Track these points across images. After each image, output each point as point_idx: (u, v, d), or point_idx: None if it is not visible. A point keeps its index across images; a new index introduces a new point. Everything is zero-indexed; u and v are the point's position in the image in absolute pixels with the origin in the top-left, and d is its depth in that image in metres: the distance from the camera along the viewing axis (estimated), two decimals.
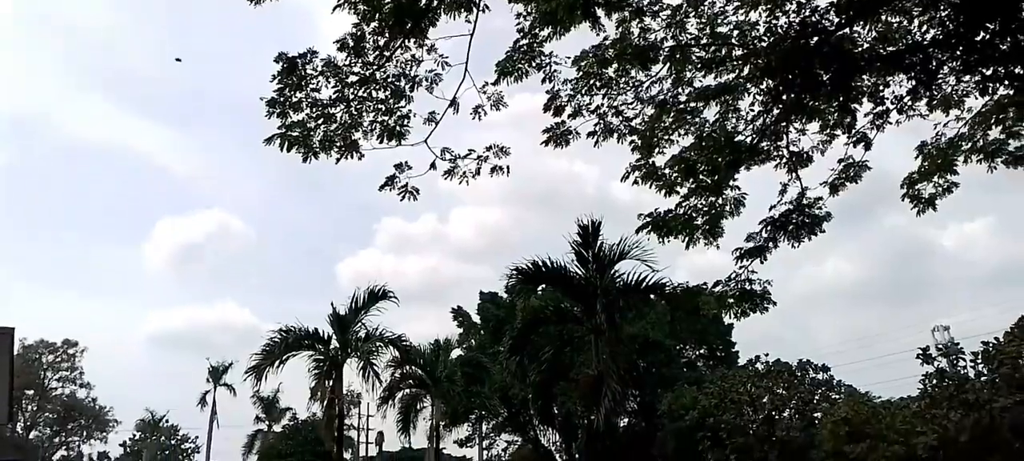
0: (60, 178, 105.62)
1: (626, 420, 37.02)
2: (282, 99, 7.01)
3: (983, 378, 23.76)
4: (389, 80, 7.12)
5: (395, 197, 7.38)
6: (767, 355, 32.52)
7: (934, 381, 25.19)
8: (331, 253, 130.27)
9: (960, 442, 23.54)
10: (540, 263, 14.37)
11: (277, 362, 17.24)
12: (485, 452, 47.53)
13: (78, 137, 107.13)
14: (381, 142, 7.10)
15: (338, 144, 7.12)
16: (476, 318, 41.11)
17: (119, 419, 62.48)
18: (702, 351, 41.61)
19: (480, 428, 42.66)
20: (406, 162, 7.45)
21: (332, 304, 18.10)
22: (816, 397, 30.30)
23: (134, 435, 63.70)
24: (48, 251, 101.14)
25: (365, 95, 7.09)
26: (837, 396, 29.82)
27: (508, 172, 7.54)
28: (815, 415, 29.36)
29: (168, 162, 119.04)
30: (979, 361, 24.21)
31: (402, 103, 7.22)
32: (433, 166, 7.43)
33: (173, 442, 66.57)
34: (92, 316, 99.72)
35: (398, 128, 7.15)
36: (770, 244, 9.34)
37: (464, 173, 7.54)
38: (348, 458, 41.62)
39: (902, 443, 25.18)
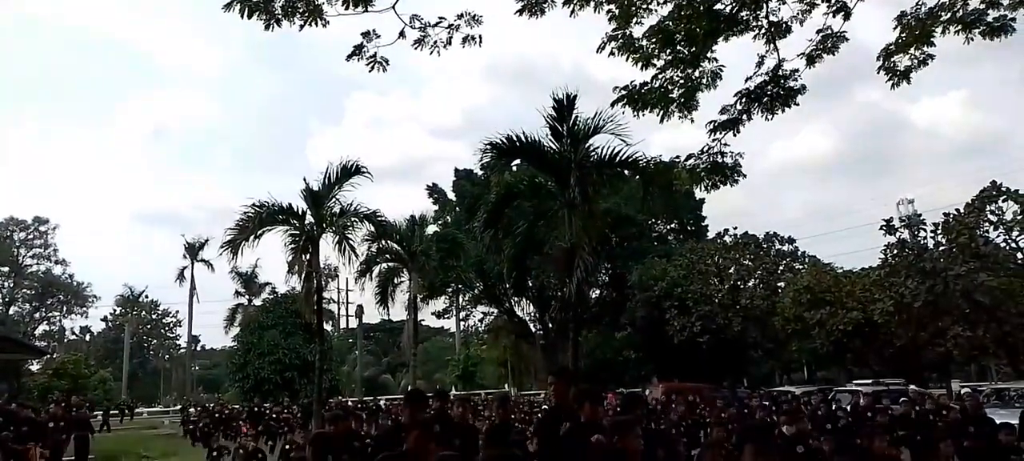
0: (20, 54, 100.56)
1: (598, 291, 38.28)
2: None
3: (941, 248, 24.71)
4: None
5: (364, 69, 7.12)
6: (735, 228, 33.41)
7: (895, 251, 26.16)
8: (301, 129, 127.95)
9: (914, 307, 24.83)
10: (514, 138, 14.23)
11: (252, 236, 17.22)
12: (462, 323, 49.17)
13: (36, 13, 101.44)
14: (347, 8, 6.76)
15: (301, 9, 6.77)
16: (451, 195, 41.29)
17: (98, 295, 63.01)
18: (673, 225, 42.54)
19: (457, 300, 43.88)
20: (374, 30, 7.14)
21: (305, 180, 17.92)
22: (780, 267, 31.43)
23: (114, 311, 64.52)
24: (8, 129, 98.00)
25: None
26: (801, 266, 30.94)
27: (480, 43, 7.27)
28: (779, 284, 30.55)
29: (130, 37, 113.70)
30: (939, 232, 25.07)
31: None
32: (402, 35, 7.13)
33: (154, 317, 67.57)
34: (60, 195, 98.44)
35: None
36: (744, 117, 9.30)
37: (435, 43, 7.25)
38: (329, 330, 42.80)
39: (860, 309, 26.48)
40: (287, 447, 9.17)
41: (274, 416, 20.87)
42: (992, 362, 36.31)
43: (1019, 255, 24.29)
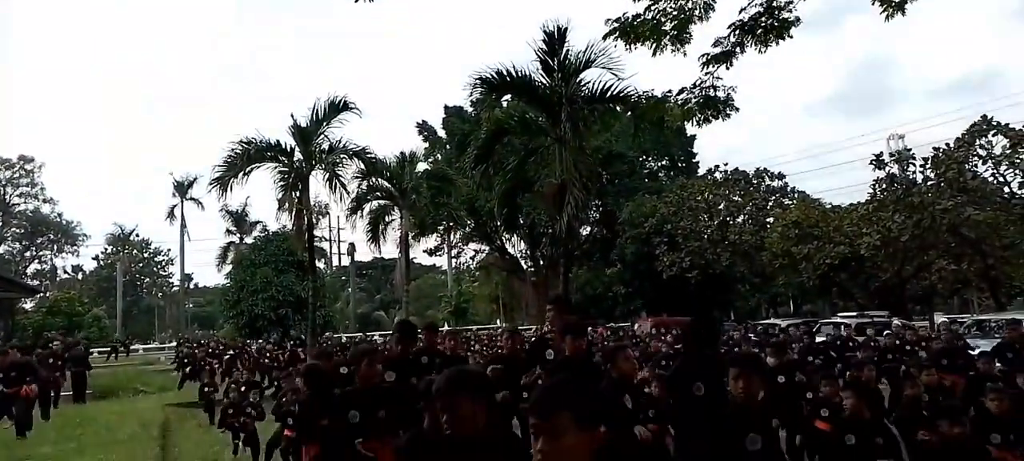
0: None
1: (588, 228, 38.45)
2: None
3: (930, 182, 24.85)
4: None
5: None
6: (726, 164, 33.43)
7: (883, 186, 26.29)
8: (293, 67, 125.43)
9: (901, 241, 25.12)
10: (504, 72, 14.01)
11: (241, 173, 17.09)
12: (454, 260, 49.48)
13: None
14: None
15: None
16: (441, 133, 40.88)
17: (87, 234, 62.82)
18: (664, 162, 42.45)
19: (448, 238, 43.98)
20: None
21: (292, 116, 17.67)
22: (770, 203, 31.56)
23: (106, 249, 64.42)
24: None
25: None
26: (790, 202, 31.07)
27: None
28: (768, 220, 30.73)
29: None
30: (928, 166, 25.16)
31: None
32: None
33: (146, 256, 67.56)
34: (45, 134, 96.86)
35: None
36: (737, 49, 9.20)
37: None
38: (321, 267, 42.98)
39: (847, 244, 26.77)
40: (283, 399, 8.95)
41: (267, 355, 20.91)
42: (974, 295, 37.05)
43: (1006, 189, 24.48)
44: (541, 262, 40.34)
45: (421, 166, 29.67)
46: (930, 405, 5.77)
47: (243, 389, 10.50)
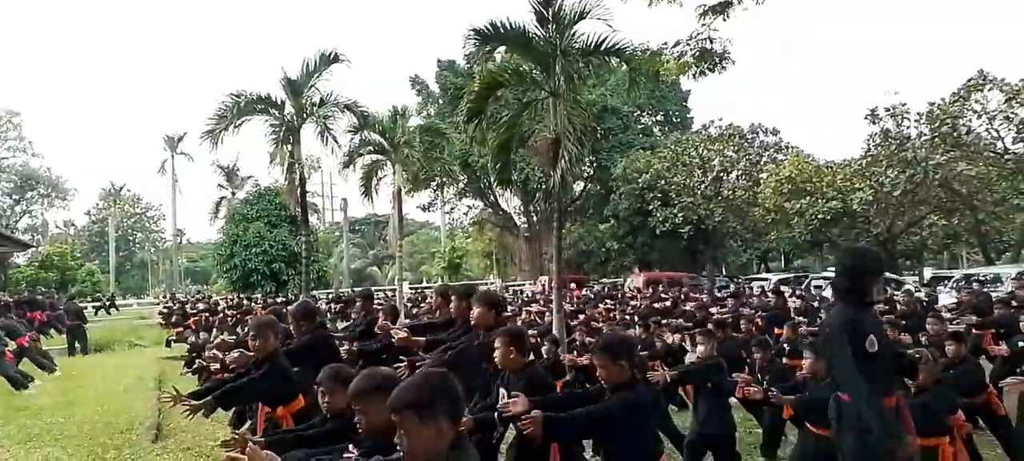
0: None
1: (582, 184, 38.42)
2: None
3: (924, 137, 24.82)
4: None
5: None
6: (721, 119, 33.23)
7: (877, 141, 26.26)
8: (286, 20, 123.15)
9: (893, 196, 25.21)
10: (499, 24, 13.74)
11: (231, 126, 16.92)
12: (447, 216, 49.47)
13: None
14: None
15: None
16: (434, 87, 40.47)
17: (76, 188, 62.42)
18: (659, 117, 42.23)
19: (442, 194, 43.93)
20: None
21: (283, 69, 17.42)
22: (764, 159, 31.50)
23: (97, 204, 64.09)
24: None
25: None
26: (784, 157, 31.00)
27: None
28: (761, 175, 30.72)
29: None
30: (923, 121, 25.10)
31: None
32: None
33: (137, 211, 67.24)
34: (29, 89, 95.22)
35: None
36: (735, 0, 9.08)
37: None
38: (314, 222, 42.85)
39: (839, 199, 26.84)
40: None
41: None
42: (964, 249, 37.42)
43: (999, 144, 24.50)
44: (534, 217, 40.42)
45: (414, 121, 29.44)
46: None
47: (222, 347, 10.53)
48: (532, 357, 4.33)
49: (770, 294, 14.03)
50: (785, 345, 8.61)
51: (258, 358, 4.37)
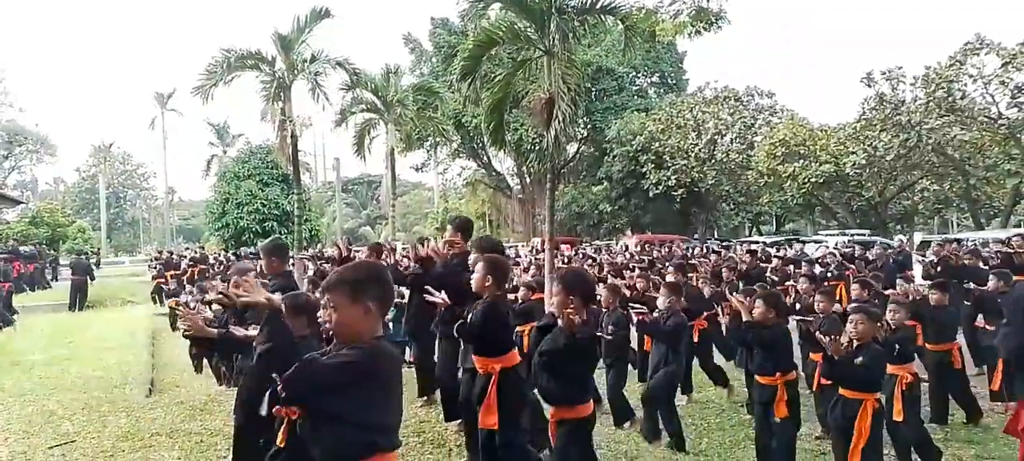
0: None
1: (576, 145, 38.28)
2: None
3: (919, 102, 24.77)
4: None
5: None
6: (716, 81, 33.07)
7: (872, 104, 26.21)
8: None
9: (886, 160, 25.27)
10: None
11: (222, 81, 16.72)
12: (440, 177, 49.32)
13: None
14: None
15: None
16: (428, 46, 39.98)
17: (56, 145, 62.03)
18: (654, 79, 41.91)
19: (435, 154, 43.73)
20: None
21: (274, 25, 17.15)
22: (758, 121, 31.44)
23: (87, 161, 63.62)
24: None
25: None
26: (779, 120, 30.95)
27: None
28: (755, 138, 30.69)
29: None
30: (918, 85, 25.02)
31: None
32: None
33: (128, 168, 66.76)
34: (10, 44, 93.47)
35: None
36: None
37: None
38: (307, 182, 42.66)
39: (833, 163, 26.90)
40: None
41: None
42: (955, 215, 37.67)
43: (993, 109, 24.49)
44: (528, 179, 40.32)
45: (407, 79, 29.14)
46: None
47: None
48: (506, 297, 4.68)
49: (747, 255, 14.31)
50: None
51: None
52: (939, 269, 10.31)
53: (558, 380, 3.66)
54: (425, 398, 6.62)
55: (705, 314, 8.27)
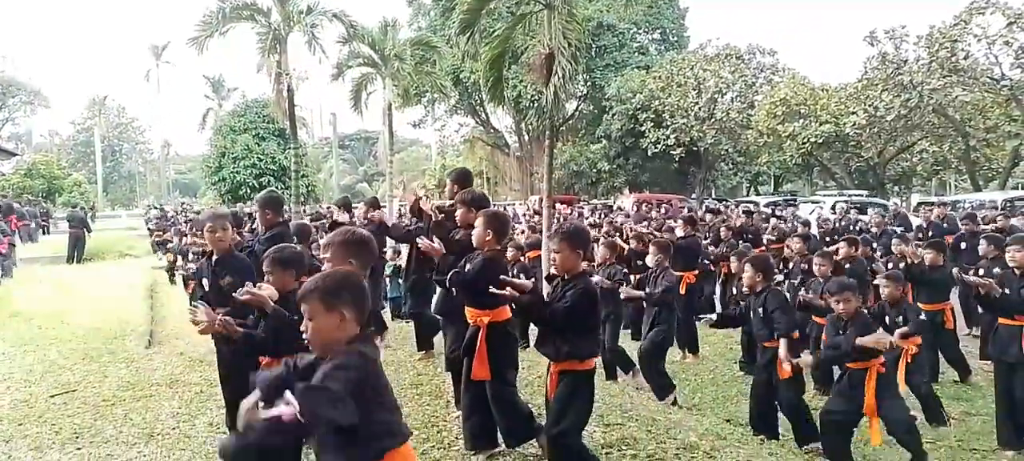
0: None
1: (575, 103, 37.95)
2: None
3: (921, 62, 24.52)
4: None
5: None
6: (718, 38, 32.62)
7: (875, 64, 25.94)
8: None
9: (887, 120, 25.13)
10: None
11: (217, 32, 16.51)
12: (438, 133, 48.96)
13: None
14: None
15: None
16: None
17: (50, 96, 61.55)
18: (655, 35, 41.37)
19: (433, 110, 43.33)
20: None
21: None
22: (759, 80, 31.14)
23: (82, 114, 63.01)
24: None
25: None
26: (780, 79, 30.65)
27: None
28: (756, 97, 30.43)
29: None
30: (921, 44, 24.75)
31: None
32: None
33: (123, 121, 66.19)
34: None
35: None
36: None
37: None
38: (303, 137, 42.34)
39: (833, 123, 26.74)
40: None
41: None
42: (953, 176, 37.63)
43: (996, 70, 24.28)
44: (526, 137, 40.07)
45: (405, 33, 28.71)
46: None
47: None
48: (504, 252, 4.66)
49: (743, 215, 14.36)
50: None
51: (215, 250, 4.36)
52: (930, 233, 10.39)
53: (575, 334, 3.52)
54: (424, 352, 6.69)
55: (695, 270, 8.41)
